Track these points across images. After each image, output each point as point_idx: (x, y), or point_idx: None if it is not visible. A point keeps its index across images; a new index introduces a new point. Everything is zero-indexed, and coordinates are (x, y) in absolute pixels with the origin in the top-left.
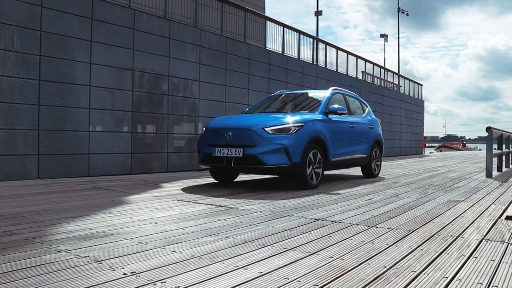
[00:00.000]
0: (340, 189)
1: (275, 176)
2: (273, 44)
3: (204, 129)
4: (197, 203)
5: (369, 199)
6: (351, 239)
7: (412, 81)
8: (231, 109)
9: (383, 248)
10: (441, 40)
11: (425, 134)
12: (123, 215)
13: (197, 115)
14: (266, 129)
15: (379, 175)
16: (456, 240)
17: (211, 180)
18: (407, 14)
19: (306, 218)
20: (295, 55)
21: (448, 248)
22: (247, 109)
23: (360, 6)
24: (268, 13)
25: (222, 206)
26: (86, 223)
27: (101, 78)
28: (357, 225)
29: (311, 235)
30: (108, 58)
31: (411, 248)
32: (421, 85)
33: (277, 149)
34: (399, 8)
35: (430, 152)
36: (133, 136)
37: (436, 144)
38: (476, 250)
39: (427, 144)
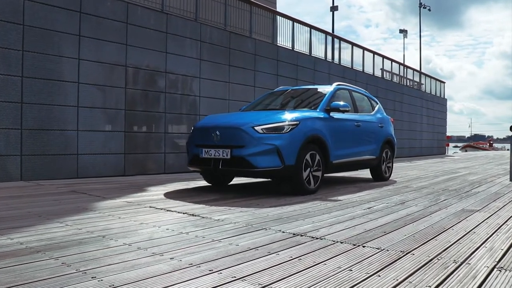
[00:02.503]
0: (341, 194)
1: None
2: (284, 39)
3: (192, 128)
4: (170, 211)
5: (369, 208)
6: (325, 264)
7: (434, 78)
8: (234, 107)
9: (361, 279)
10: (466, 38)
11: (450, 134)
12: (74, 225)
13: (197, 113)
14: (256, 128)
15: (390, 178)
16: (460, 268)
17: (204, 183)
18: (429, 9)
19: (284, 232)
20: (307, 50)
21: (447, 280)
22: (245, 106)
23: (381, 5)
24: (289, 12)
25: (195, 216)
26: (22, 236)
27: (90, 74)
28: (341, 243)
29: (278, 257)
30: (98, 54)
31: (397, 280)
32: (444, 82)
33: (268, 150)
34: (420, 3)
35: (454, 152)
36: (127, 136)
37: (461, 144)
38: (484, 284)
39: (450, 144)
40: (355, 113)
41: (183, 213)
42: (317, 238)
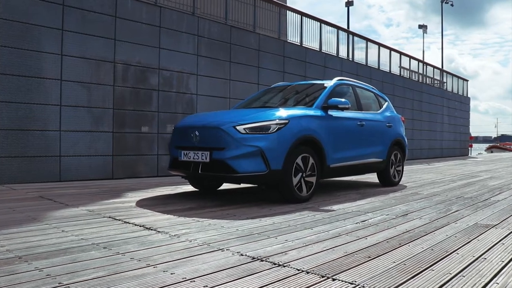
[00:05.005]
0: (338, 202)
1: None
2: (292, 34)
3: (173, 128)
4: (127, 222)
5: (363, 221)
6: None
7: (456, 76)
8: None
9: None
10: (492, 36)
11: (475, 134)
12: (5, 240)
13: (194, 112)
14: (238, 127)
15: (400, 183)
16: None
17: (192, 188)
18: (452, 5)
19: (242, 255)
20: (317, 46)
21: None
22: (239, 103)
23: (402, 4)
24: (311, 12)
25: (151, 230)
26: None
27: (75, 71)
28: (307, 273)
29: None
30: (83, 49)
31: None
32: (467, 80)
33: (250, 153)
34: None
35: (478, 153)
36: (115, 137)
37: (487, 145)
38: None
39: (473, 145)
40: (359, 111)
41: (140, 226)
42: (278, 265)
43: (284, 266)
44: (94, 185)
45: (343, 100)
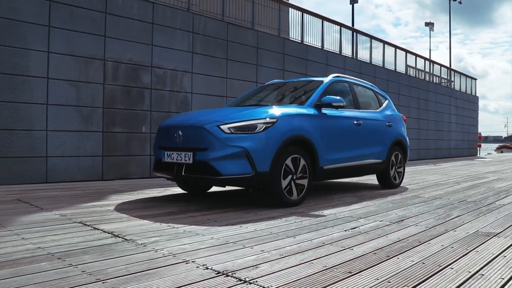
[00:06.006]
0: (331, 207)
1: None
2: (293, 32)
3: (157, 128)
4: (96, 229)
5: (353, 228)
6: None
7: (464, 75)
8: None
9: None
10: (501, 35)
11: (486, 134)
12: None
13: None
14: (222, 126)
15: (402, 184)
16: None
17: (180, 190)
18: (460, 2)
19: (208, 268)
20: (319, 44)
21: None
22: (231, 102)
23: (410, 3)
24: (318, 11)
25: (118, 237)
26: None
27: (62, 69)
28: None
29: None
30: (71, 46)
31: None
32: (475, 79)
33: (235, 154)
34: None
35: (487, 153)
36: (105, 136)
37: (497, 145)
38: None
39: (483, 145)
40: (356, 109)
41: (108, 233)
42: (244, 282)
43: (250, 283)
44: (81, 187)
45: (337, 97)
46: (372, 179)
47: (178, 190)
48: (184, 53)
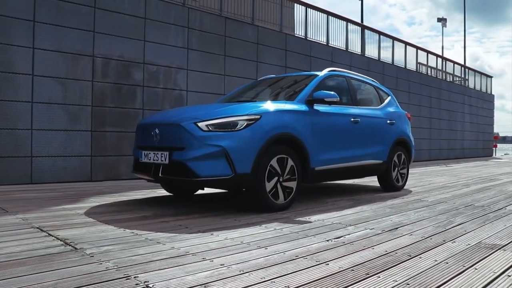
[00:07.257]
0: (321, 211)
1: None
2: (297, 27)
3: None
4: (51, 235)
5: (337, 238)
6: None
7: (479, 72)
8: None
9: None
10: None
11: (504, 134)
12: None
13: None
14: (199, 124)
15: (405, 187)
16: None
17: (165, 192)
18: None
19: (148, 287)
20: (324, 40)
21: None
22: (222, 98)
23: (423, 2)
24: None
25: (68, 245)
26: None
27: (48, 65)
28: None
29: None
30: (57, 42)
31: None
32: (491, 77)
33: (212, 154)
34: None
35: (504, 154)
36: (94, 136)
37: None
38: None
39: (500, 145)
40: (354, 106)
41: (60, 240)
42: None
43: None
44: (64, 188)
45: (331, 93)
46: (375, 181)
47: (164, 192)
48: (179, 49)
